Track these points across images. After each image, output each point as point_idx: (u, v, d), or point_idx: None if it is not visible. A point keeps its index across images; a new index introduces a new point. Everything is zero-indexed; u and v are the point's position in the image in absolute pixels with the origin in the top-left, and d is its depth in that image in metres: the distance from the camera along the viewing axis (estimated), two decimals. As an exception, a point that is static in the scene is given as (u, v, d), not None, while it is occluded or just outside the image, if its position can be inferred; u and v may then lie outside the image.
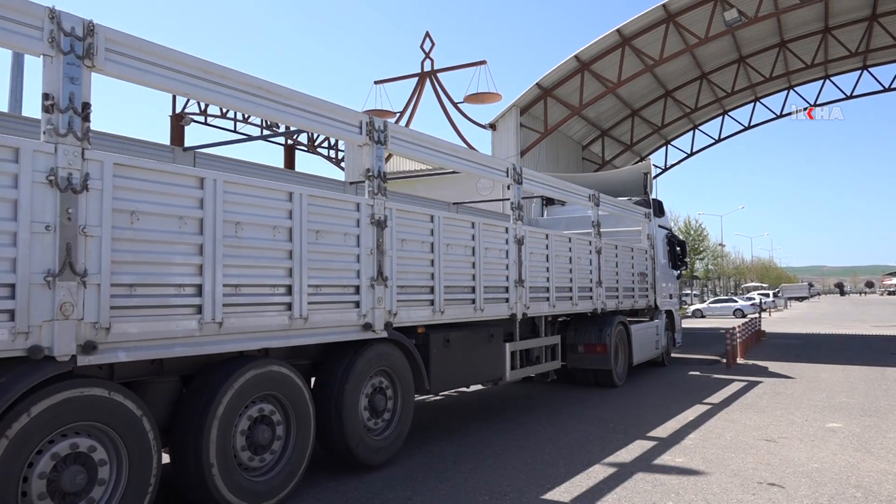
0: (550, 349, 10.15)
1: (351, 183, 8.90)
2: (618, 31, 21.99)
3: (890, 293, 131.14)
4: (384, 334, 6.37)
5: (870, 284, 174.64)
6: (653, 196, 14.84)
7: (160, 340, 4.49)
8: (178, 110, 21.69)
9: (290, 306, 5.41)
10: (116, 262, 4.23)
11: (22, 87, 12.50)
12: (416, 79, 23.52)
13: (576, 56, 22.40)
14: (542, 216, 14.49)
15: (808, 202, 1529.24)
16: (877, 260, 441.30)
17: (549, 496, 5.72)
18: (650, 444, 7.58)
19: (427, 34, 23.32)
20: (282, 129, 18.60)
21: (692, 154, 34.26)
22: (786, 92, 31.66)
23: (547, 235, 9.61)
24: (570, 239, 10.27)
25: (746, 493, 5.76)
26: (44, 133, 3.95)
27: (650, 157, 35.09)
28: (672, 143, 34.43)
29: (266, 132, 24.89)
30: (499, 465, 6.71)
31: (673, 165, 34.51)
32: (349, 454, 6.21)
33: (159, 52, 4.54)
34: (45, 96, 3.95)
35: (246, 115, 23.57)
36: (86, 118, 4.07)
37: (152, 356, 4.54)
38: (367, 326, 6.17)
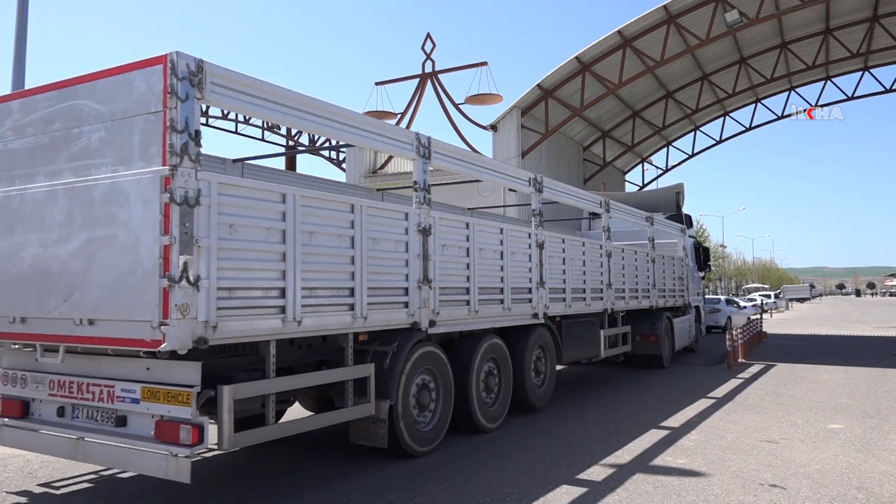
0: (623, 336, 13.22)
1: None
2: (619, 32, 22.59)
3: (892, 294, 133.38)
4: (542, 321, 9.53)
5: (871, 286, 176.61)
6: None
7: (453, 321, 7.61)
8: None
9: (503, 302, 8.55)
10: (441, 274, 7.34)
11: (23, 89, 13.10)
12: (417, 80, 24.23)
13: (577, 57, 23.01)
14: (589, 229, 17.63)
15: (809, 203, 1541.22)
16: (878, 261, 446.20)
17: (550, 497, 5.88)
18: (651, 444, 7.81)
19: (428, 35, 24.06)
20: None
21: (693, 155, 35.07)
22: (787, 93, 32.42)
23: (623, 250, 12.78)
24: (635, 252, 13.56)
25: (748, 494, 5.91)
26: (414, 204, 7.06)
27: (651, 157, 36.03)
28: (673, 144, 35.23)
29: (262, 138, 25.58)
30: (500, 465, 6.93)
31: (674, 166, 35.40)
32: (527, 401, 9.35)
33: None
34: (415, 183, 7.14)
35: (247, 117, 24.25)
36: (427, 190, 7.17)
37: (449, 331, 7.65)
38: (535, 315, 9.39)
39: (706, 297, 29.85)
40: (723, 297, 29.18)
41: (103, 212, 4.82)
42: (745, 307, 32.36)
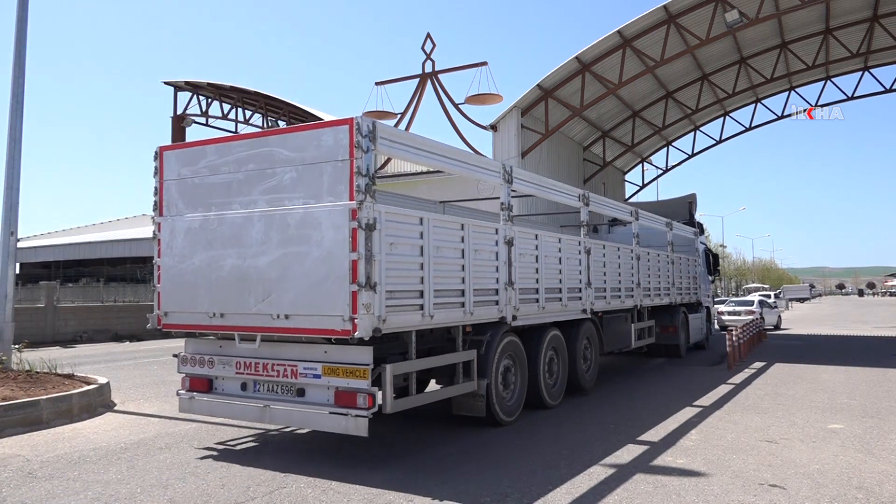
0: (648, 329, 16.26)
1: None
2: (619, 32, 24.41)
3: (892, 294, 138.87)
4: (589, 316, 12.25)
5: (871, 286, 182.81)
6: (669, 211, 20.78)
7: (527, 315, 10.00)
8: (179, 111, 24.31)
9: (561, 299, 11.06)
10: (520, 277, 9.69)
11: (23, 90, 14.60)
12: (417, 80, 26.30)
13: (577, 57, 24.88)
14: (608, 232, 20.44)
15: (809, 203, 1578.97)
16: (878, 261, 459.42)
17: (550, 497, 6.24)
18: (651, 445, 8.34)
19: (428, 35, 26.13)
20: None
21: (693, 155, 37.59)
22: (787, 93, 34.85)
23: (649, 253, 15.87)
24: (658, 255, 16.64)
25: (748, 494, 6.26)
26: (501, 220, 9.37)
27: (651, 157, 38.52)
28: (673, 143, 37.75)
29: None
30: (500, 466, 7.36)
31: (674, 166, 37.87)
32: (578, 384, 11.97)
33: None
34: (502, 204, 9.49)
35: (247, 117, 26.24)
36: (510, 209, 9.50)
37: (525, 324, 9.93)
38: (584, 311, 12.01)
39: (740, 298, 34.23)
40: (756, 298, 32.82)
41: (298, 233, 7.06)
42: (776, 307, 36.18)
